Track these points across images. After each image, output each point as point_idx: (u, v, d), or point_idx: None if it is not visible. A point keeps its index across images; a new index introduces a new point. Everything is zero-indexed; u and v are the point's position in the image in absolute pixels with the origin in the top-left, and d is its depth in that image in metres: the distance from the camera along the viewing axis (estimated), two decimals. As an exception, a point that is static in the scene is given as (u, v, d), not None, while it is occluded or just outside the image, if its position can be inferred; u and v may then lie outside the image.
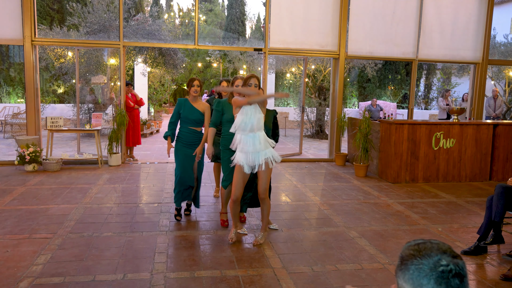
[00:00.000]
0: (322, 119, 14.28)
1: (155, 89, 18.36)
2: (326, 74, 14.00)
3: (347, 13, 8.86)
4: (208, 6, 27.58)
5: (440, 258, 1.07)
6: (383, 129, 7.47)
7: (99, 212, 5.22)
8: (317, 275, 3.65)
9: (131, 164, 8.38)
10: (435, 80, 19.88)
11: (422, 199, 6.29)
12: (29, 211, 5.17)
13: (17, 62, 16.17)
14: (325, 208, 5.65)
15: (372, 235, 4.68)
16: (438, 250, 1.09)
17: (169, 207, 5.47)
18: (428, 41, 9.23)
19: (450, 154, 7.49)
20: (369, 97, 17.50)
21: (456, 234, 4.83)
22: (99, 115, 8.59)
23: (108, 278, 3.48)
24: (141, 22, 12.01)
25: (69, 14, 12.13)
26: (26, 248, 4.05)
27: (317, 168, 8.42)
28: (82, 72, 12.29)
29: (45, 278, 3.44)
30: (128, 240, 4.31)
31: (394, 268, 1.16)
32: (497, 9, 10.38)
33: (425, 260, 1.07)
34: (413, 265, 1.08)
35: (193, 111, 4.91)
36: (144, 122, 13.35)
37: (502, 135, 7.72)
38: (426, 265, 1.06)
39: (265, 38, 8.73)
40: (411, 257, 1.10)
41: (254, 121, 3.99)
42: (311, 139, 13.69)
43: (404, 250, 1.14)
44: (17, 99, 16.08)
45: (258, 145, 4.04)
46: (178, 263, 3.82)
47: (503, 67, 14.90)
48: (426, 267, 1.06)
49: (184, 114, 4.91)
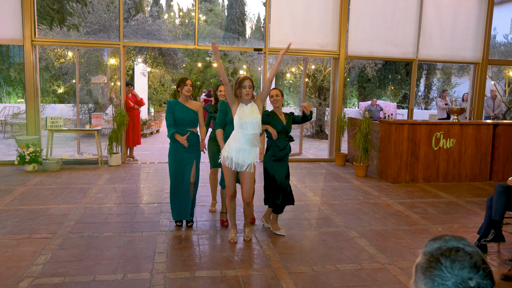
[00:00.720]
0: (322, 119, 14.28)
1: (155, 89, 18.36)
2: (326, 74, 14.00)
3: (347, 13, 8.86)
4: (208, 6, 27.58)
5: (471, 277, 0.95)
6: (383, 129, 7.47)
7: (99, 212, 5.22)
8: (317, 275, 3.65)
9: (131, 164, 8.38)
10: (435, 80, 19.89)
11: (422, 199, 6.29)
12: (29, 211, 5.17)
13: (17, 62, 16.17)
14: (325, 208, 5.65)
15: (372, 235, 4.68)
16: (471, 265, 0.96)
17: (169, 207, 5.46)
18: (428, 41, 9.23)
19: (450, 154, 7.49)
20: (369, 97, 17.49)
21: (456, 234, 4.83)
22: (99, 115, 8.60)
23: (108, 278, 3.48)
24: (141, 22, 12.01)
25: (69, 14, 12.13)
26: (26, 248, 4.05)
27: (317, 168, 8.42)
28: (82, 72, 12.29)
29: (45, 278, 3.44)
30: (128, 240, 4.31)
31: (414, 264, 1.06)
32: (497, 9, 10.38)
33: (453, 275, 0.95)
34: (438, 277, 0.96)
35: (188, 111, 4.65)
36: (144, 122, 13.35)
37: (502, 135, 7.72)
38: (453, 279, 0.95)
39: (265, 38, 8.73)
40: (439, 262, 0.98)
41: (250, 121, 4.12)
42: (311, 139, 13.69)
43: (434, 249, 1.01)
44: (17, 99, 16.09)
45: (251, 144, 4.18)
46: (178, 263, 3.82)
47: (503, 67, 14.90)
48: (451, 282, 0.95)
49: (179, 116, 4.61)
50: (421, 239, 4.60)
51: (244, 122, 4.12)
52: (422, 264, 1.01)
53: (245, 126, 4.12)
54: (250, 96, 4.20)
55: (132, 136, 8.72)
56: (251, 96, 4.23)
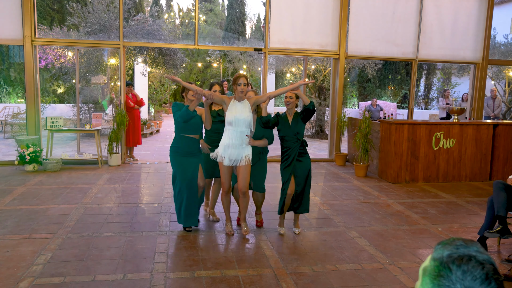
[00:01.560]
0: (322, 119, 14.28)
1: (155, 89, 18.36)
2: (326, 74, 14.00)
3: (347, 13, 8.86)
4: (208, 6, 27.57)
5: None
6: (383, 129, 7.47)
7: (99, 212, 5.22)
8: (317, 275, 3.65)
9: (131, 164, 8.38)
10: (435, 80, 19.89)
11: (422, 199, 6.29)
12: (29, 211, 5.17)
13: (17, 62, 16.16)
14: (325, 208, 5.65)
15: (372, 235, 4.68)
16: (483, 277, 0.91)
17: (169, 207, 5.46)
18: (428, 41, 9.23)
19: (450, 154, 7.49)
20: (369, 97, 17.50)
21: (456, 234, 4.83)
22: (99, 115, 8.60)
23: (108, 278, 3.48)
24: (141, 22, 12.01)
25: (69, 14, 12.13)
26: (26, 248, 4.05)
27: (317, 168, 8.42)
28: (82, 72, 12.29)
29: (45, 278, 3.44)
30: (128, 240, 4.31)
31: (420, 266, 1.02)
32: (497, 9, 10.38)
33: (464, 286, 0.91)
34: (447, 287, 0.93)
35: (195, 116, 4.53)
36: (144, 122, 13.35)
37: (502, 135, 7.72)
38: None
39: (265, 38, 8.73)
40: (449, 271, 0.93)
41: (243, 118, 4.25)
42: (311, 139, 13.70)
43: (444, 256, 0.96)
44: (17, 99, 16.08)
45: (244, 141, 4.29)
46: (178, 263, 3.82)
47: (503, 67, 14.90)
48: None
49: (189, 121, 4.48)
50: (421, 239, 4.60)
51: (236, 119, 4.26)
52: (431, 271, 0.97)
53: (237, 123, 4.26)
54: (245, 93, 4.34)
55: (133, 136, 8.73)
56: (249, 93, 4.40)
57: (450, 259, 0.95)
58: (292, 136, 4.52)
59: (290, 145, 4.52)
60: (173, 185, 4.65)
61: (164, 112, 20.02)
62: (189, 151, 4.54)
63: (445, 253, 0.96)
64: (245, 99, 4.36)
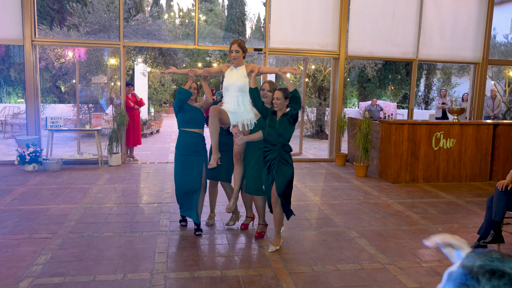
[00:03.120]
0: (322, 119, 14.28)
1: (155, 89, 18.36)
2: (326, 74, 14.00)
3: (347, 13, 8.86)
4: (208, 6, 27.56)
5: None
6: (383, 129, 7.47)
7: (99, 212, 5.22)
8: (317, 275, 3.65)
9: (131, 164, 8.38)
10: (435, 80, 19.88)
11: (422, 199, 6.29)
12: (29, 211, 5.16)
13: (17, 62, 16.16)
14: (325, 208, 5.65)
15: (372, 235, 4.68)
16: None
17: (169, 207, 5.47)
18: (428, 41, 9.23)
19: (450, 154, 7.49)
20: (369, 97, 17.49)
21: (456, 234, 4.83)
22: (99, 115, 8.60)
23: (108, 278, 3.48)
24: (141, 22, 12.01)
25: (69, 14, 12.13)
26: (26, 248, 4.05)
27: (317, 168, 8.42)
28: (82, 72, 12.29)
29: (45, 278, 3.44)
30: (128, 240, 4.31)
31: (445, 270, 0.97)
32: (497, 9, 10.37)
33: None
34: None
35: (196, 111, 4.53)
36: (144, 122, 13.35)
37: (502, 135, 7.71)
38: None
39: (265, 38, 8.73)
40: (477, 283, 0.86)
41: (234, 83, 4.36)
42: (311, 139, 13.70)
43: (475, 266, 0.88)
44: (17, 99, 16.08)
45: (242, 106, 4.36)
46: (178, 263, 3.82)
47: (503, 67, 14.89)
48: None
49: (189, 115, 4.47)
50: (421, 239, 4.59)
51: (229, 85, 4.40)
52: (457, 277, 0.89)
53: (231, 88, 4.40)
54: (238, 60, 4.47)
55: (133, 136, 8.73)
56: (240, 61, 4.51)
57: (481, 271, 0.86)
58: (276, 137, 4.07)
59: (271, 147, 4.11)
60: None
61: (164, 112, 20.02)
62: (192, 148, 4.44)
63: (477, 263, 0.88)
64: (243, 65, 4.49)
